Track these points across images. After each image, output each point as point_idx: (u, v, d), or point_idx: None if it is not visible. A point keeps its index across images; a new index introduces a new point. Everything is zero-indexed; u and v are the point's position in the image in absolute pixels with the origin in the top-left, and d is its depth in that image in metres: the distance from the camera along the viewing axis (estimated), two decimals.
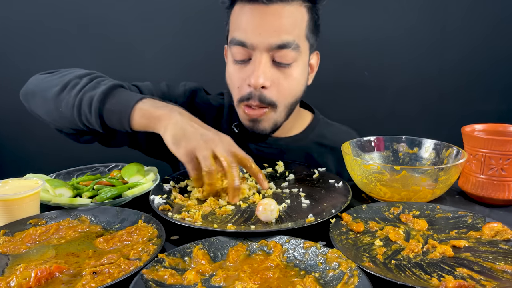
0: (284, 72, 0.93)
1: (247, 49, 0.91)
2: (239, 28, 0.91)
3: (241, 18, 0.91)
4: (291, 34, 0.90)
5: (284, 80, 0.93)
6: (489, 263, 0.61)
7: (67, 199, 0.81)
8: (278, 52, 0.90)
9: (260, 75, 0.89)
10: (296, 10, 0.91)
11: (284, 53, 0.90)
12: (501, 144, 0.82)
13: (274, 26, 0.88)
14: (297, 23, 0.91)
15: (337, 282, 0.57)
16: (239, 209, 0.80)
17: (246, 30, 0.90)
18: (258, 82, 0.89)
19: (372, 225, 0.73)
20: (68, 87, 0.89)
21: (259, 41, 0.89)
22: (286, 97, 0.95)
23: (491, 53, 1.81)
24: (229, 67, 0.97)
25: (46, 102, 0.91)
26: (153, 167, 0.98)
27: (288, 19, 0.89)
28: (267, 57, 0.90)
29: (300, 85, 0.98)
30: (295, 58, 0.92)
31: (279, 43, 0.89)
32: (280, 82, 0.93)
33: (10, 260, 0.64)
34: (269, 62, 0.91)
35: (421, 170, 0.81)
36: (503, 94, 1.86)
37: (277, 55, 0.90)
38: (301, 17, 0.92)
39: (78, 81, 0.90)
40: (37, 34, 1.78)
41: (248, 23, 0.90)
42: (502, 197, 0.84)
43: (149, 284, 0.56)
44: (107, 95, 0.86)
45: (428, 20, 1.79)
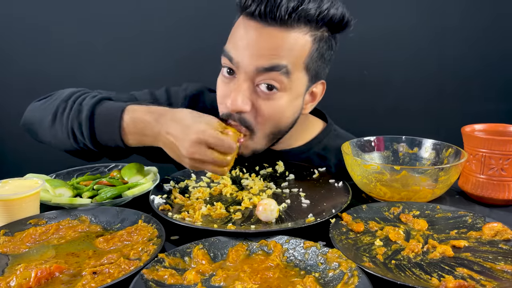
0: (267, 101, 0.85)
1: (232, 65, 0.85)
2: (232, 41, 0.87)
3: (237, 31, 0.86)
4: (285, 59, 0.82)
5: (265, 106, 0.85)
6: (489, 263, 0.61)
7: (67, 199, 0.81)
8: (264, 74, 0.82)
9: (239, 98, 0.83)
10: (296, 37, 0.83)
11: (272, 76, 0.82)
12: (501, 144, 0.82)
13: (266, 48, 0.82)
14: (296, 51, 0.83)
15: (337, 282, 0.57)
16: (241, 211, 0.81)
17: (236, 45, 0.84)
18: (237, 105, 0.83)
19: (372, 225, 0.73)
20: (58, 115, 0.89)
21: (246, 62, 0.82)
22: (267, 126, 0.88)
23: (491, 53, 1.81)
24: (219, 79, 0.92)
25: (45, 131, 0.92)
26: (153, 167, 0.98)
27: (284, 44, 0.82)
28: (250, 82, 0.84)
29: (286, 116, 0.89)
30: (282, 85, 0.84)
31: (267, 66, 0.82)
32: (260, 109, 0.85)
33: (10, 260, 0.64)
34: (250, 88, 0.84)
35: (421, 170, 0.81)
36: (503, 94, 1.86)
37: (262, 78, 0.83)
38: (302, 46, 0.84)
39: (64, 106, 0.89)
40: (37, 35, 1.78)
41: (240, 39, 0.84)
42: (502, 197, 0.84)
43: (149, 284, 0.56)
44: (91, 118, 0.85)
45: (429, 19, 1.79)
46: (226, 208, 0.80)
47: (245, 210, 0.80)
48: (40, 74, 1.80)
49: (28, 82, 1.82)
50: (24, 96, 1.81)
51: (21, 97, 1.82)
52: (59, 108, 0.89)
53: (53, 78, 1.79)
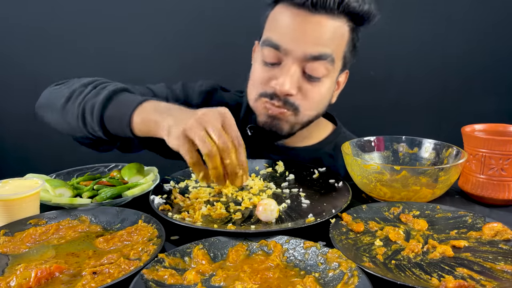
0: (312, 85, 0.90)
1: (279, 53, 0.88)
2: (276, 30, 0.88)
3: (281, 20, 0.88)
4: (329, 48, 0.87)
5: (311, 92, 0.90)
6: (489, 263, 0.61)
7: (67, 199, 0.81)
8: (311, 63, 0.87)
9: (287, 82, 0.87)
10: (339, 27, 0.88)
11: (317, 65, 0.87)
12: (501, 144, 0.82)
13: (314, 36, 0.85)
14: (337, 39, 0.89)
15: (337, 282, 0.57)
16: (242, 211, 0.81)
17: (283, 34, 0.87)
18: (284, 88, 0.87)
19: (372, 225, 0.73)
20: (73, 97, 0.87)
21: (294, 48, 0.86)
22: (311, 107, 0.93)
23: (492, 53, 1.81)
24: (256, 65, 0.94)
25: (56, 114, 0.91)
26: (153, 167, 0.98)
27: (329, 32, 0.86)
28: (298, 66, 0.88)
29: (325, 100, 0.96)
30: (326, 73, 0.90)
31: (315, 54, 0.86)
32: (307, 94, 0.90)
33: (10, 260, 0.64)
34: (298, 72, 0.88)
35: (421, 170, 0.81)
36: (503, 94, 1.86)
37: (309, 66, 0.88)
38: (342, 34, 0.89)
39: (82, 89, 0.87)
40: (39, 36, 1.78)
41: (287, 27, 0.86)
42: (502, 197, 0.84)
43: (149, 284, 0.56)
44: (108, 101, 0.82)
45: (430, 20, 1.79)
46: (226, 208, 0.80)
47: (245, 210, 0.80)
48: (41, 74, 1.80)
49: (28, 83, 1.82)
50: (24, 97, 1.82)
51: (22, 98, 1.82)
52: (75, 91, 0.88)
53: (53, 78, 1.79)
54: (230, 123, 0.71)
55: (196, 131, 0.67)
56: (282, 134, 0.96)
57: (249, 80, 0.98)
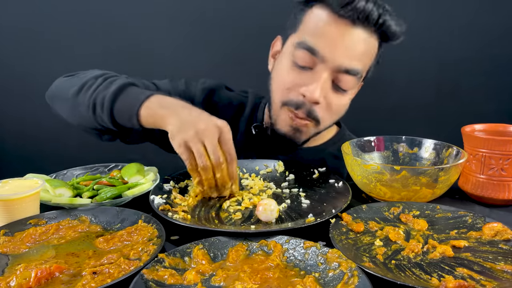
0: (338, 96, 0.91)
1: (314, 58, 0.87)
2: (315, 34, 0.87)
3: (321, 25, 0.86)
4: (361, 63, 0.88)
5: (335, 103, 0.92)
6: (489, 263, 0.61)
7: (67, 199, 0.81)
8: (341, 75, 0.88)
9: (317, 90, 0.87)
10: (372, 43, 0.89)
11: (347, 79, 0.88)
12: (501, 144, 0.82)
13: (351, 50, 0.86)
14: (369, 54, 0.90)
15: (337, 282, 0.57)
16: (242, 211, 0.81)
17: (323, 40, 0.86)
18: (314, 96, 0.87)
19: (372, 225, 0.73)
20: (84, 88, 0.91)
21: (331, 57, 0.86)
22: (331, 119, 0.95)
23: (492, 53, 1.81)
24: (283, 65, 0.93)
25: (66, 104, 0.94)
26: (153, 167, 0.98)
27: (365, 47, 0.87)
28: (329, 75, 0.88)
29: (344, 110, 0.97)
30: (352, 87, 0.92)
31: (349, 68, 0.87)
32: (331, 103, 0.91)
33: (10, 260, 0.64)
34: (329, 81, 0.88)
35: (421, 170, 0.81)
36: (503, 94, 1.86)
37: (339, 77, 0.88)
38: (373, 49, 0.91)
39: (93, 82, 0.91)
40: (44, 39, 1.78)
41: (328, 34, 0.86)
42: (502, 197, 0.84)
43: (149, 284, 0.56)
44: (117, 95, 0.86)
45: (430, 20, 1.79)
46: (227, 208, 0.80)
47: (245, 210, 0.80)
48: (41, 75, 1.80)
49: (28, 84, 1.82)
50: (24, 97, 1.82)
51: (21, 98, 1.83)
52: (87, 82, 0.91)
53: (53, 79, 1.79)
54: (226, 138, 0.77)
55: (195, 144, 0.75)
56: (299, 143, 0.97)
57: (274, 81, 0.96)
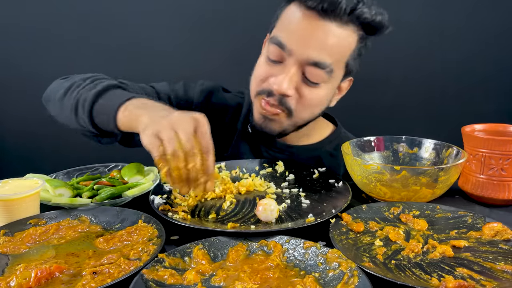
0: (310, 89, 0.90)
1: (283, 52, 0.88)
2: (285, 29, 0.89)
3: (291, 20, 0.88)
4: (330, 57, 0.87)
5: (308, 96, 0.91)
6: (489, 263, 0.61)
7: (67, 199, 0.81)
8: (310, 68, 0.87)
9: (285, 82, 0.87)
10: (346, 35, 0.87)
11: (316, 72, 0.88)
12: (501, 144, 0.82)
13: (318, 42, 0.85)
14: (342, 48, 0.88)
15: (337, 282, 0.57)
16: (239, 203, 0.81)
17: (290, 34, 0.87)
18: (281, 88, 0.87)
19: (372, 225, 0.73)
20: (71, 89, 0.91)
21: (297, 50, 0.86)
22: (305, 111, 0.94)
23: (491, 53, 1.81)
24: (260, 60, 0.95)
25: (55, 105, 0.95)
26: (153, 167, 0.98)
27: (335, 40, 0.86)
28: (298, 68, 0.88)
29: (321, 105, 0.96)
30: (324, 80, 0.90)
31: (317, 60, 0.86)
32: (304, 97, 0.91)
33: (10, 260, 0.64)
34: (297, 74, 0.89)
35: (421, 170, 0.81)
36: (503, 94, 1.86)
37: (308, 70, 0.88)
38: (349, 43, 0.89)
39: (80, 83, 0.91)
40: (44, 36, 1.77)
41: (295, 28, 0.87)
42: (502, 197, 0.84)
43: (149, 284, 0.56)
44: (98, 96, 0.85)
45: (430, 20, 1.79)
46: (227, 208, 0.80)
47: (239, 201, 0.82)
48: (41, 74, 1.80)
49: (28, 83, 1.82)
50: (24, 97, 1.82)
51: (22, 98, 1.82)
52: (74, 84, 0.91)
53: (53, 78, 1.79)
54: (202, 130, 0.70)
55: (167, 131, 0.67)
56: (273, 134, 0.97)
57: (252, 74, 0.98)
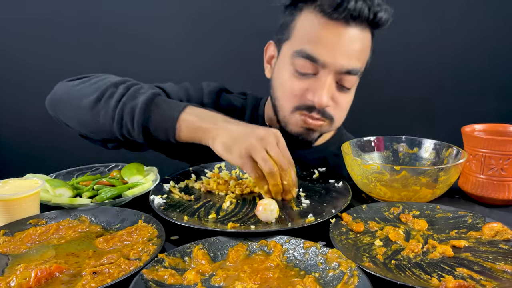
0: (343, 94, 0.93)
1: (315, 65, 0.88)
2: (312, 41, 0.87)
3: (316, 32, 0.87)
4: (360, 61, 0.90)
5: (342, 101, 0.94)
6: (489, 263, 0.61)
7: (67, 199, 0.81)
8: (344, 76, 0.89)
9: (324, 96, 0.88)
10: (366, 37, 0.90)
11: (349, 79, 0.90)
12: (501, 144, 0.82)
13: (349, 50, 0.87)
14: (366, 50, 0.92)
15: (337, 282, 0.57)
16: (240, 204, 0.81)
17: (320, 46, 0.86)
18: (323, 102, 0.88)
19: (372, 225, 0.73)
20: (104, 96, 0.85)
21: (332, 62, 0.87)
22: (342, 116, 0.97)
23: (491, 53, 1.81)
24: (286, 75, 0.93)
25: (80, 112, 0.88)
26: (153, 167, 0.98)
27: (361, 45, 0.88)
28: (333, 78, 0.89)
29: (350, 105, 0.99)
30: (355, 84, 0.94)
31: (350, 68, 0.88)
32: (340, 103, 0.93)
33: (10, 260, 0.64)
34: (333, 84, 0.90)
35: (421, 170, 0.81)
36: (503, 94, 1.86)
37: (343, 78, 0.90)
38: (369, 43, 0.92)
39: (114, 90, 0.86)
40: (44, 33, 1.77)
41: (324, 40, 0.86)
42: (502, 197, 0.84)
43: (149, 284, 0.56)
44: (148, 106, 0.82)
45: (430, 20, 1.79)
46: (227, 208, 0.80)
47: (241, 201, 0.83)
48: (41, 75, 1.80)
49: (28, 83, 1.82)
50: (24, 97, 1.82)
51: (21, 98, 1.82)
52: (107, 90, 0.86)
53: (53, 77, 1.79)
54: (283, 145, 0.77)
55: (259, 152, 0.73)
56: (312, 141, 0.99)
57: (278, 89, 0.96)
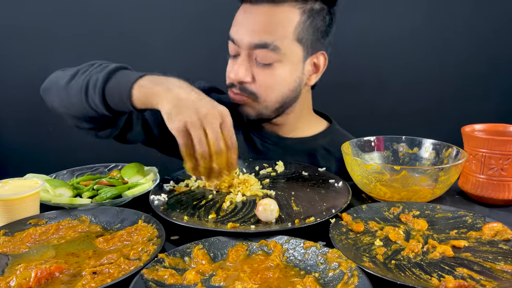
0: (265, 71, 0.95)
1: (235, 46, 0.96)
2: (234, 25, 0.98)
3: (237, 16, 0.98)
4: (272, 35, 0.92)
5: (264, 77, 0.96)
6: (489, 263, 0.61)
7: (67, 199, 0.81)
8: (257, 51, 0.93)
9: (238, 71, 0.95)
10: (285, 11, 0.92)
11: (263, 53, 0.93)
12: (501, 144, 0.82)
13: (253, 25, 0.93)
14: (282, 25, 0.93)
15: (337, 282, 0.57)
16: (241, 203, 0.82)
17: (234, 27, 0.97)
18: (237, 76, 0.95)
19: (372, 225, 0.73)
20: (78, 74, 0.90)
21: (240, 39, 0.94)
22: (269, 93, 0.98)
23: (491, 54, 1.81)
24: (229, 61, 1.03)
25: (59, 92, 0.92)
26: (153, 167, 0.98)
27: (270, 19, 0.92)
28: (247, 54, 0.95)
29: (287, 83, 0.98)
30: (276, 59, 0.94)
31: (257, 42, 0.92)
32: (261, 79, 0.96)
33: (10, 260, 0.64)
34: (248, 60, 0.95)
35: (421, 170, 0.81)
36: (503, 94, 1.86)
37: (258, 54, 0.94)
38: (289, 19, 0.93)
39: (87, 68, 0.91)
40: (40, 33, 1.77)
41: (237, 20, 0.97)
42: (502, 197, 0.84)
43: (149, 284, 0.56)
44: (110, 75, 0.84)
45: (430, 21, 1.79)
46: (227, 208, 0.80)
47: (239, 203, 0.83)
48: (40, 76, 1.80)
49: (28, 84, 1.82)
50: (24, 98, 1.82)
51: (21, 98, 1.82)
52: (81, 69, 0.91)
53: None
54: (227, 125, 0.75)
55: (196, 130, 0.72)
56: (251, 118, 1.02)
57: None
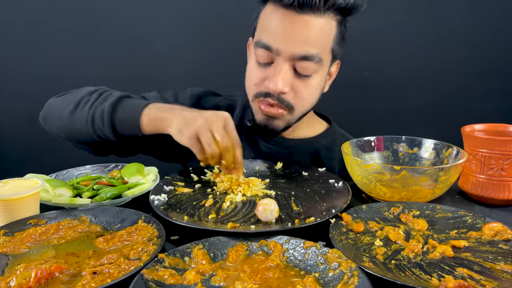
0: (303, 82, 0.94)
1: (271, 53, 0.91)
2: (267, 31, 0.92)
3: (271, 21, 0.91)
4: (316, 47, 0.90)
5: (302, 89, 0.94)
6: (489, 263, 0.61)
7: (67, 199, 0.81)
8: (300, 62, 0.91)
9: (279, 82, 0.91)
10: (326, 23, 0.90)
11: (306, 65, 0.91)
12: (501, 144, 0.82)
13: (301, 37, 0.89)
14: (325, 36, 0.91)
15: (337, 282, 0.57)
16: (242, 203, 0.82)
17: (273, 35, 0.90)
18: (277, 88, 0.91)
19: (372, 225, 0.73)
20: (80, 104, 0.94)
21: (284, 49, 0.89)
22: (304, 104, 0.97)
23: (491, 54, 1.81)
24: (250, 65, 0.99)
25: (62, 121, 0.97)
26: (153, 167, 0.98)
27: (316, 31, 0.89)
28: (289, 65, 0.91)
29: (317, 93, 0.99)
30: (315, 70, 0.93)
31: (303, 54, 0.89)
32: (299, 90, 0.94)
33: (10, 260, 0.64)
34: (290, 70, 0.92)
35: (421, 170, 0.81)
36: (503, 94, 1.86)
37: (298, 65, 0.91)
38: (330, 30, 0.92)
39: (88, 98, 0.95)
40: (41, 34, 1.77)
41: (277, 28, 0.90)
42: (502, 197, 0.84)
43: (149, 284, 0.56)
44: (115, 106, 0.90)
45: (429, 20, 1.79)
46: (227, 208, 0.80)
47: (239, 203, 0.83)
48: (40, 75, 1.80)
49: (28, 84, 1.82)
50: (23, 98, 1.82)
51: (22, 97, 1.82)
52: (83, 99, 0.95)
53: (53, 77, 1.79)
54: (231, 127, 0.85)
55: (205, 134, 0.81)
56: (278, 131, 1.01)
57: (246, 80, 1.01)
